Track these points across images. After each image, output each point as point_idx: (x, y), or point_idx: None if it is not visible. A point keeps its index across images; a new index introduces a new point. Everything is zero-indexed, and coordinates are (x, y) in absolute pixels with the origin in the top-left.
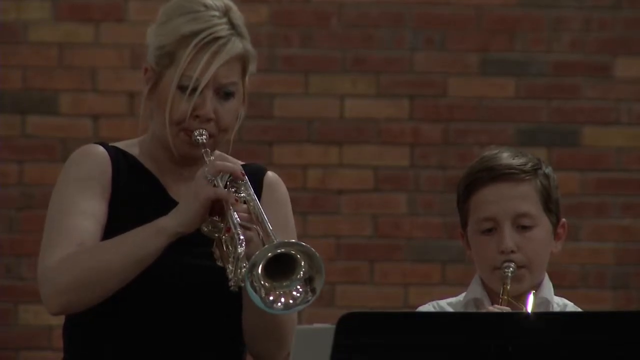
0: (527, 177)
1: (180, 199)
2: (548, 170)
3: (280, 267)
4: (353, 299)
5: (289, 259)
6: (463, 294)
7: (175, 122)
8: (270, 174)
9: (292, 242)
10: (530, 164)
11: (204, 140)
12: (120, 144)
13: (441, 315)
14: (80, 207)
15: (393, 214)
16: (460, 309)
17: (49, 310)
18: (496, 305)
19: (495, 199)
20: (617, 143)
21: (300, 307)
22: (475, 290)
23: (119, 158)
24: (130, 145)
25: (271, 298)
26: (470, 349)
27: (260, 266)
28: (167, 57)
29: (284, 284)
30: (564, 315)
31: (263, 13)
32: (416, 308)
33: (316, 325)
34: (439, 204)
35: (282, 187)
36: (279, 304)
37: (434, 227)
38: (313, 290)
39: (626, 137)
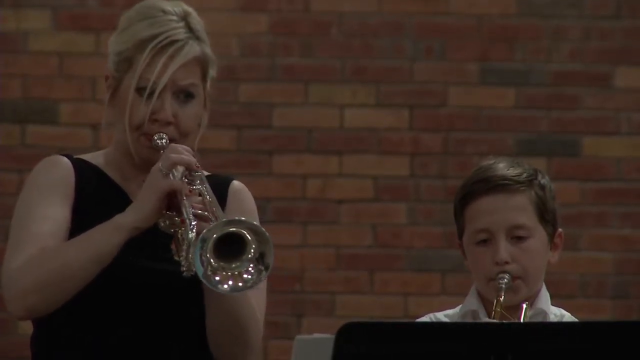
0: (522, 188)
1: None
2: (544, 180)
3: (230, 249)
4: (353, 309)
5: (239, 241)
6: (460, 306)
7: (135, 126)
8: (236, 182)
9: (241, 220)
10: (525, 175)
11: (164, 144)
12: (85, 156)
13: (441, 325)
14: (43, 212)
15: (393, 223)
16: (456, 321)
17: (14, 314)
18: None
19: (490, 210)
20: (617, 153)
21: (253, 287)
22: (471, 302)
23: (82, 168)
24: (95, 157)
25: (217, 278)
26: (470, 359)
27: (210, 243)
28: (126, 62)
29: (233, 265)
30: (563, 325)
31: (263, 22)
32: (416, 318)
33: (316, 335)
34: (438, 213)
35: (249, 196)
36: (226, 285)
37: (434, 237)
38: (266, 267)
39: (626, 147)
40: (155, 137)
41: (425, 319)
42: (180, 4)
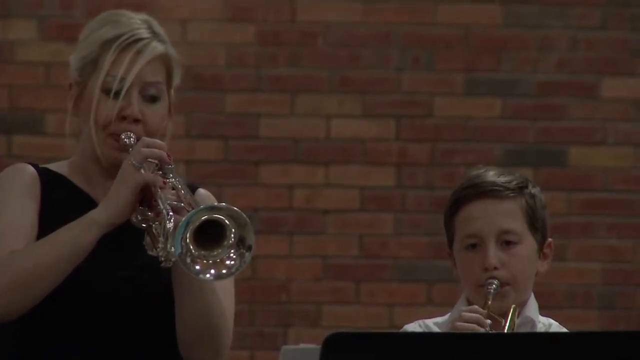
0: (512, 195)
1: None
2: (535, 190)
3: (208, 238)
4: (339, 319)
5: (217, 229)
6: (449, 314)
7: (102, 125)
8: (202, 190)
9: (222, 206)
10: (515, 182)
11: (132, 143)
12: (49, 165)
13: (427, 335)
14: (11, 216)
15: (379, 234)
16: (446, 329)
17: None
18: (463, 314)
19: (480, 216)
20: (603, 163)
21: (238, 272)
22: (460, 309)
23: (48, 176)
24: (59, 166)
25: (197, 267)
26: None
27: (192, 229)
28: (91, 64)
29: (215, 252)
30: (549, 336)
31: (249, 33)
32: (402, 328)
33: (302, 346)
34: (425, 224)
35: (214, 201)
36: (208, 274)
37: (420, 247)
38: (248, 249)
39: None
40: (123, 136)
41: (414, 325)
42: (142, 14)
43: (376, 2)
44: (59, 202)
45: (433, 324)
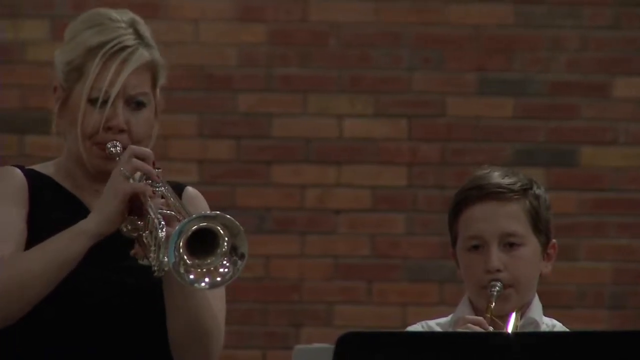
0: (516, 197)
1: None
2: (539, 190)
3: (201, 246)
4: (350, 319)
5: (210, 237)
6: (451, 315)
7: (88, 135)
8: (190, 188)
9: (216, 215)
10: (519, 184)
11: (118, 152)
12: (35, 167)
13: (440, 335)
14: (0, 222)
15: (391, 233)
16: (447, 329)
17: None
18: (470, 321)
19: (483, 218)
20: (614, 163)
21: (232, 279)
22: (463, 310)
23: (35, 179)
24: (45, 167)
25: (192, 276)
26: None
27: (185, 238)
28: (76, 71)
29: (208, 261)
30: (554, 336)
31: (261, 33)
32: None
33: (315, 345)
34: (436, 223)
35: (203, 201)
36: (203, 283)
37: (432, 247)
38: (241, 256)
39: (624, 157)
40: (109, 145)
41: (417, 326)
42: (127, 12)
43: (387, 1)
44: (47, 204)
45: (435, 324)
